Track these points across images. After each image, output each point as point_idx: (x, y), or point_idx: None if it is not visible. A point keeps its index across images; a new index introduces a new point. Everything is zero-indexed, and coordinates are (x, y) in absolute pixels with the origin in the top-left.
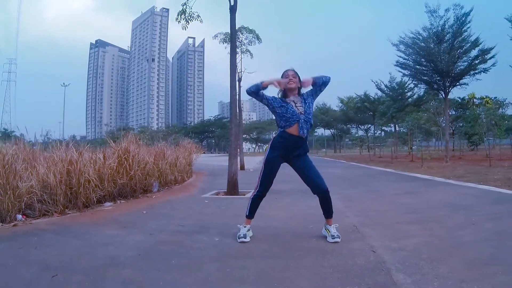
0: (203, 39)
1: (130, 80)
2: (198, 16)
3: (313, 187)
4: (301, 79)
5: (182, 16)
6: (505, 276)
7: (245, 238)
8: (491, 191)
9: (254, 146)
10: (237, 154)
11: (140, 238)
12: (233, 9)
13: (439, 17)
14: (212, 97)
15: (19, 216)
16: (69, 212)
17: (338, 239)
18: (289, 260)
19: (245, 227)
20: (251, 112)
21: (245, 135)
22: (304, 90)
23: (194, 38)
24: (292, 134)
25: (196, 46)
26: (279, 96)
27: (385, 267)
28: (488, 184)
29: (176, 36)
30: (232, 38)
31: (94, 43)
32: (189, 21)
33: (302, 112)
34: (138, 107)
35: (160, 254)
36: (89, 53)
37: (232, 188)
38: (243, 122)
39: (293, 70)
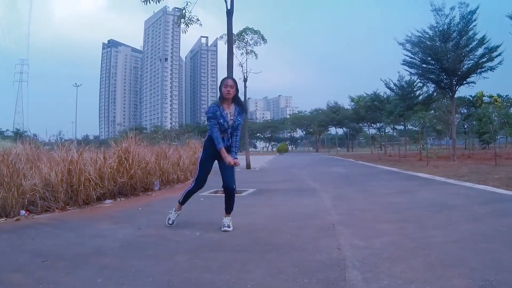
0: (216, 38)
1: (143, 80)
2: (198, 19)
3: (224, 184)
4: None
5: (182, 20)
6: (460, 279)
7: (173, 224)
8: (486, 191)
9: (267, 145)
10: None
11: (128, 232)
12: (229, 13)
13: (444, 16)
14: None
15: (23, 212)
16: (70, 208)
17: (228, 228)
18: (254, 254)
19: (176, 212)
20: (265, 111)
21: (258, 134)
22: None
23: (207, 37)
24: None
25: (209, 45)
26: (218, 101)
27: (343, 264)
28: (486, 183)
29: (189, 36)
30: (229, 40)
31: (107, 43)
32: (188, 24)
33: (231, 125)
34: (151, 106)
35: (140, 246)
36: (102, 53)
37: None
38: (257, 121)
39: (232, 80)
